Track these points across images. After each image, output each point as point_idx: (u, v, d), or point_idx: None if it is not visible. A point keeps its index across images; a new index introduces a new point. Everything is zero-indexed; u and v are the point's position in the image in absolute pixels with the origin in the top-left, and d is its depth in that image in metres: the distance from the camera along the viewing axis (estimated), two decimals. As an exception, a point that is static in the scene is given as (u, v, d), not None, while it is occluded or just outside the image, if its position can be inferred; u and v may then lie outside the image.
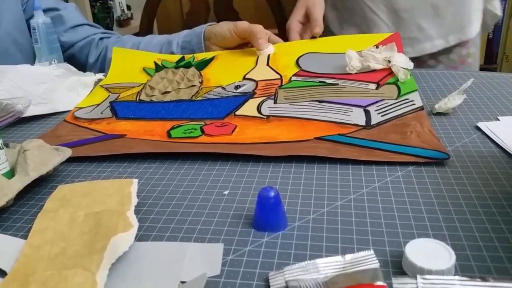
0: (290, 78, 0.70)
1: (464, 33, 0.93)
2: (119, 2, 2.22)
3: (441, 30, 0.92)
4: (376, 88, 0.64)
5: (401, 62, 0.67)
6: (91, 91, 0.75)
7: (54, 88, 0.71)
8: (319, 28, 0.81)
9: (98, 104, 0.69)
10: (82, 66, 0.94)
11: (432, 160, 0.46)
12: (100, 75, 0.79)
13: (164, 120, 0.62)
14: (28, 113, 0.65)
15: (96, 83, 0.77)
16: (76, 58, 0.93)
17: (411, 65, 0.68)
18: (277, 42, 0.82)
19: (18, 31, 0.84)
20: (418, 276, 0.29)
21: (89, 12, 1.95)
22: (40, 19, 0.79)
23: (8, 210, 0.43)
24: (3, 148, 0.46)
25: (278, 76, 0.71)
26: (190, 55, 0.81)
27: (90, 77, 0.77)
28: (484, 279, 0.28)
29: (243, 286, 0.32)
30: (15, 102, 0.62)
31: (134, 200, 0.41)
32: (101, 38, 0.94)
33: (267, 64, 0.76)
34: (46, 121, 0.67)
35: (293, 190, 0.44)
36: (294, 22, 0.86)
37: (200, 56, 0.80)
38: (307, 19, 0.85)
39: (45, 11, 0.85)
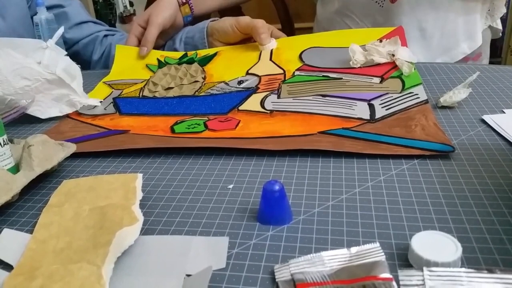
0: (294, 72, 0.70)
1: (450, 56, 0.92)
2: (121, -1, 2.22)
3: (428, 53, 0.91)
4: (380, 82, 0.64)
5: (405, 56, 0.67)
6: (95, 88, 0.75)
7: (38, 89, 0.63)
8: None
9: (101, 101, 0.69)
10: (86, 63, 0.94)
11: (437, 153, 0.46)
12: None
13: (167, 115, 0.62)
14: None
15: (85, 107, 0.67)
16: (80, 55, 0.93)
17: (415, 58, 0.67)
18: (280, 37, 0.82)
19: (23, 27, 0.84)
20: (425, 269, 0.29)
21: (91, 8, 1.95)
22: (43, 16, 0.79)
23: (14, 205, 0.43)
24: (7, 144, 0.46)
25: (281, 71, 0.71)
26: (193, 52, 0.81)
27: (82, 99, 0.66)
28: (490, 271, 0.28)
29: (248, 279, 0.32)
30: (19, 98, 0.62)
31: (139, 195, 0.41)
32: (106, 35, 0.94)
33: (270, 59, 0.75)
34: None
35: (298, 183, 0.43)
36: None
37: (203, 52, 0.80)
38: None
39: (50, 8, 0.85)
